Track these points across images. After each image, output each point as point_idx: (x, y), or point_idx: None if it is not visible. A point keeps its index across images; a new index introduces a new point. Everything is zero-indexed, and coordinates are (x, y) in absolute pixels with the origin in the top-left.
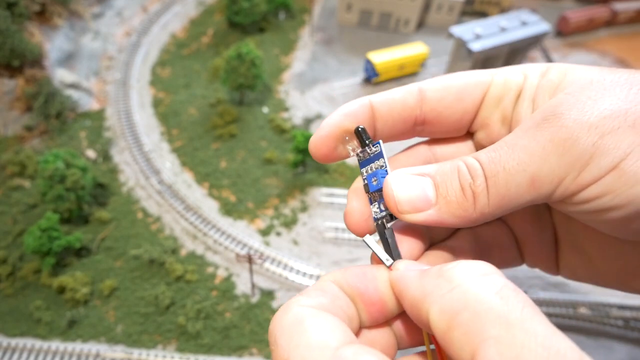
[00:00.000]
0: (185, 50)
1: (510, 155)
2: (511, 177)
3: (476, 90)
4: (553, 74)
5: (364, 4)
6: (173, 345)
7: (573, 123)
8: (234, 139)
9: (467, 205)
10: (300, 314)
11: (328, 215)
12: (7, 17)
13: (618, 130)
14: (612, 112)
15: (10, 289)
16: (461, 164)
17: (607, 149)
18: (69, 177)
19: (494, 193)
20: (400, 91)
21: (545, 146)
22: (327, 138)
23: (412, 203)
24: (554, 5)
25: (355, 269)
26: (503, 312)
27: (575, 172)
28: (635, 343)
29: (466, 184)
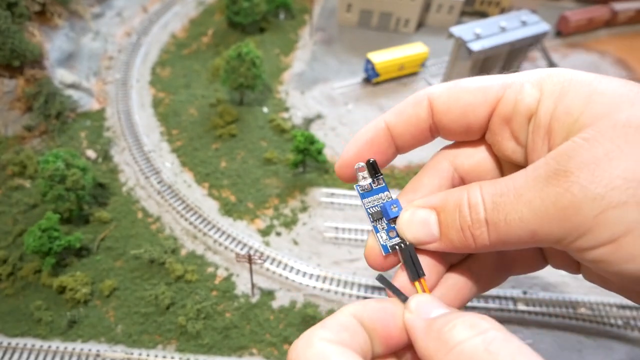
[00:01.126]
0: (185, 50)
1: (514, 207)
2: (512, 230)
3: (481, 107)
4: (572, 102)
5: (364, 4)
6: (173, 345)
7: (579, 191)
8: (234, 139)
9: (467, 242)
10: (324, 349)
11: (328, 215)
12: (8, 17)
13: (624, 205)
14: (623, 183)
15: (11, 289)
16: (464, 203)
17: (608, 223)
18: (69, 177)
19: (495, 237)
20: (410, 105)
21: (548, 208)
22: (350, 164)
23: (419, 239)
24: (554, 5)
25: (375, 303)
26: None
27: (573, 238)
28: (635, 343)
29: (466, 227)
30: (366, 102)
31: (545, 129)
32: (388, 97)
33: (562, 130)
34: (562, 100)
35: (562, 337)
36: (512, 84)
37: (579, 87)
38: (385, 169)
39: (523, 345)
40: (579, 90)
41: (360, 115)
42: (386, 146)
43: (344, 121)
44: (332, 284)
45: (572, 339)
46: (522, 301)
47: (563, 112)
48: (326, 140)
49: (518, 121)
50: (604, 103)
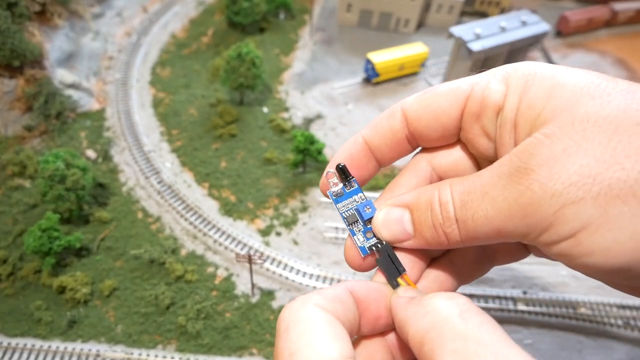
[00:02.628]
0: (185, 50)
1: (480, 205)
2: (479, 227)
3: (452, 106)
4: (535, 95)
5: (364, 4)
6: (173, 345)
7: (539, 188)
8: (234, 139)
9: (440, 239)
10: (316, 314)
11: (328, 215)
12: (8, 17)
13: (580, 201)
14: (579, 179)
15: (11, 289)
16: (435, 202)
17: (566, 219)
18: (69, 177)
19: (465, 234)
20: (385, 118)
21: (510, 205)
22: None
23: (395, 237)
24: (554, 5)
25: (372, 284)
26: (462, 330)
27: (536, 234)
28: (635, 343)
29: (437, 224)
30: (366, 102)
31: (511, 124)
32: (388, 97)
33: (526, 125)
34: (526, 94)
35: (562, 337)
36: (479, 81)
37: (542, 80)
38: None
39: (490, 319)
40: (542, 83)
41: (360, 115)
42: (366, 161)
43: (344, 121)
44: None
45: (572, 339)
46: (522, 301)
47: (526, 106)
48: (326, 140)
49: (487, 117)
50: (564, 97)
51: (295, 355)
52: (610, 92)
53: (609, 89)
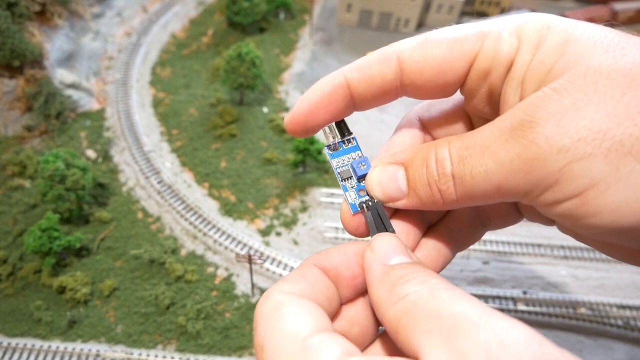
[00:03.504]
0: (185, 50)
1: (479, 160)
2: (477, 183)
3: (460, 63)
4: (547, 50)
5: (364, 4)
6: (173, 345)
7: (544, 142)
8: (234, 139)
9: (435, 198)
10: (279, 301)
11: (328, 215)
12: (8, 17)
13: (589, 157)
14: (588, 134)
15: (11, 289)
16: (431, 158)
17: (573, 176)
18: (69, 177)
19: (461, 192)
20: (376, 63)
21: (513, 160)
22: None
23: (387, 195)
24: (554, 5)
25: (336, 249)
26: (433, 308)
27: (539, 191)
28: (635, 343)
29: (432, 182)
30: None
31: (518, 80)
32: None
33: (534, 80)
34: (539, 49)
35: (562, 337)
36: (489, 33)
37: (556, 33)
38: None
39: (464, 292)
40: (555, 37)
41: (360, 115)
42: (343, 104)
43: None
44: None
45: (572, 339)
46: (522, 301)
47: (537, 61)
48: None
49: (497, 73)
50: (577, 51)
51: (265, 348)
52: (624, 45)
53: (623, 42)
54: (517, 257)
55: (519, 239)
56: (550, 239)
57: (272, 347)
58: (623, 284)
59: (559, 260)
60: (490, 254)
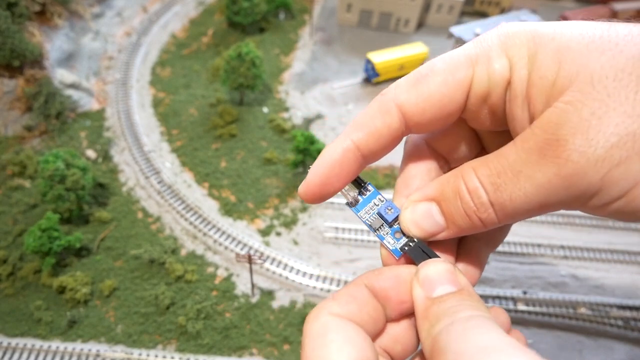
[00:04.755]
0: (185, 50)
1: (516, 186)
2: (518, 206)
3: (457, 93)
4: (545, 66)
5: (364, 4)
6: (173, 345)
7: (579, 157)
8: (234, 139)
9: (475, 225)
10: (326, 325)
11: (328, 215)
12: (8, 17)
13: (626, 161)
14: (619, 139)
15: (11, 289)
16: (463, 189)
17: (616, 180)
18: (69, 177)
19: (502, 215)
20: (378, 117)
21: (551, 179)
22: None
23: (427, 232)
24: (554, 5)
25: (388, 271)
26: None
27: (583, 201)
28: (635, 343)
29: (471, 212)
30: (366, 102)
31: (522, 98)
32: None
33: (541, 96)
34: (534, 64)
35: (562, 337)
36: (477, 57)
37: (545, 44)
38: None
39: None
40: (546, 49)
41: None
42: (355, 166)
43: (344, 121)
44: (332, 284)
45: (572, 339)
46: (522, 301)
47: (538, 77)
48: (326, 140)
49: (496, 94)
50: (574, 59)
51: None
52: (617, 41)
53: (613, 37)
54: (517, 257)
55: (519, 239)
56: (550, 239)
57: None
58: (623, 284)
59: (559, 260)
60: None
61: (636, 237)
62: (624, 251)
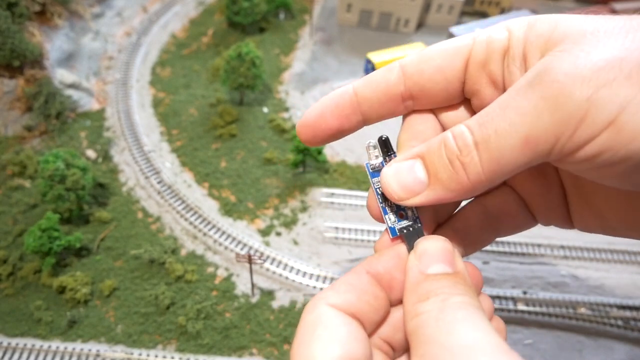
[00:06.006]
0: (185, 50)
1: (502, 117)
2: (504, 140)
3: (456, 57)
4: (541, 26)
5: (364, 4)
6: (173, 345)
7: (565, 77)
8: (234, 139)
9: (459, 178)
10: (319, 317)
11: (328, 215)
12: (8, 17)
13: (613, 82)
14: (606, 63)
15: (11, 289)
16: (448, 136)
17: (603, 102)
18: (69, 177)
19: (487, 159)
20: (380, 71)
21: (537, 104)
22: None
23: (407, 189)
24: (554, 5)
25: (390, 251)
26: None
27: (571, 130)
28: (635, 343)
29: (453, 157)
30: None
31: (520, 58)
32: None
33: (536, 51)
34: (531, 29)
35: (562, 337)
36: (480, 33)
37: (544, 19)
38: None
39: (474, 316)
40: (545, 20)
41: None
42: (351, 112)
43: None
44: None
45: (572, 339)
46: (522, 301)
47: (534, 36)
48: None
49: (494, 61)
50: (570, 24)
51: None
52: (616, 18)
53: (615, 18)
54: (517, 257)
55: (519, 239)
56: (550, 239)
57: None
58: (623, 284)
59: (559, 260)
60: (490, 254)
61: None
62: (624, 251)
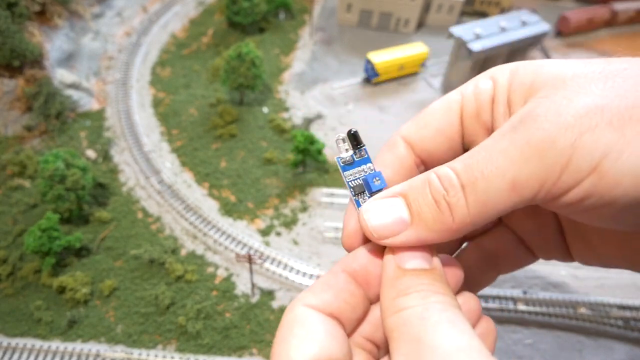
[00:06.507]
0: (185, 50)
1: (488, 160)
2: (490, 183)
3: (451, 115)
4: (524, 73)
5: (364, 4)
6: (173, 345)
7: (550, 124)
8: (234, 139)
9: (444, 219)
10: (296, 317)
11: (328, 215)
12: (8, 17)
13: (596, 129)
14: (588, 111)
15: (11, 289)
16: (432, 176)
17: (586, 148)
18: (69, 177)
19: (473, 201)
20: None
21: (523, 149)
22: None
23: (387, 228)
24: (554, 5)
25: (364, 248)
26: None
27: (556, 175)
28: (635, 343)
29: (439, 197)
30: (366, 102)
31: (504, 105)
32: (388, 97)
33: (519, 98)
34: (514, 77)
35: (562, 337)
36: (466, 86)
37: (526, 66)
38: None
39: (456, 317)
40: (527, 67)
41: (360, 115)
42: None
43: (343, 121)
44: None
45: (572, 339)
46: (522, 301)
47: (517, 83)
48: (326, 140)
49: (484, 110)
50: (550, 70)
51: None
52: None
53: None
54: None
55: None
56: None
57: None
58: (623, 284)
59: None
60: None
61: None
62: None
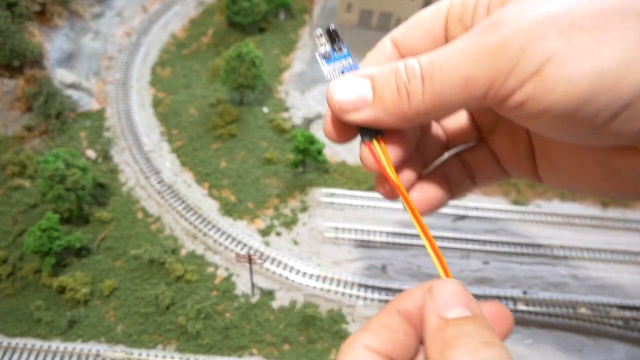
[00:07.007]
0: (185, 50)
1: (449, 57)
2: (446, 77)
3: (437, 18)
4: None
5: (364, 4)
6: (173, 345)
7: (508, 29)
8: (234, 139)
9: (402, 104)
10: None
11: (328, 215)
12: (8, 17)
13: (546, 36)
14: (546, 17)
15: (11, 289)
16: (400, 65)
17: (533, 53)
18: (69, 177)
19: (429, 92)
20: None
21: (480, 49)
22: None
23: (350, 103)
24: None
25: (417, 290)
26: None
27: (504, 76)
28: (635, 343)
29: (401, 84)
30: None
31: (484, 9)
32: None
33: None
34: None
35: (562, 337)
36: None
37: None
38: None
39: None
40: None
41: None
42: None
43: None
44: (332, 284)
45: (572, 339)
46: (522, 301)
47: None
48: (326, 140)
49: (468, 14)
50: None
51: None
52: None
53: None
54: (517, 257)
55: (519, 239)
56: (550, 239)
57: None
58: (623, 284)
59: (559, 260)
60: (490, 254)
61: (636, 237)
62: (624, 251)
